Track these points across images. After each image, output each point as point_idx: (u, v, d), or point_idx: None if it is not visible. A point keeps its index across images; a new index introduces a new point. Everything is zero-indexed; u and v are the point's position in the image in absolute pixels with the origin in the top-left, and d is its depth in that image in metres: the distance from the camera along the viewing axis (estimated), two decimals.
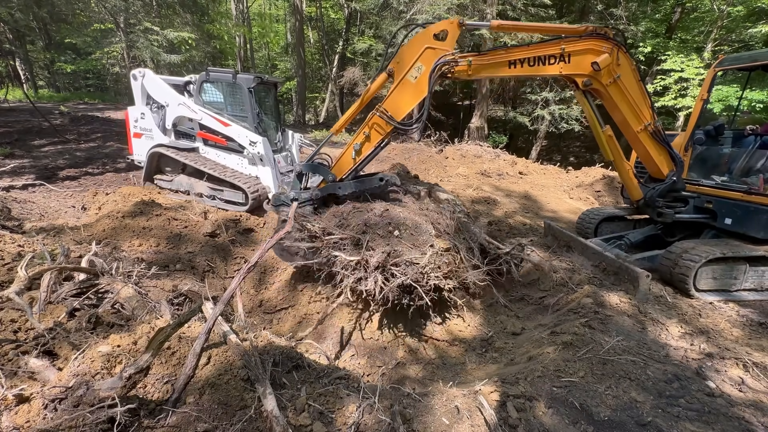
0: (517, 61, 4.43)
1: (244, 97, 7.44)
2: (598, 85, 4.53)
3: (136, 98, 8.06)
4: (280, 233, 3.53)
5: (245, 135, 7.36)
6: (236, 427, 2.05)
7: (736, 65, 5.29)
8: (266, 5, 34.03)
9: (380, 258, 3.57)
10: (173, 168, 7.98)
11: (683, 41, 16.14)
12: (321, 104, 30.04)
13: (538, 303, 4.64)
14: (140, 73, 7.86)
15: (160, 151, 7.60)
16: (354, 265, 3.66)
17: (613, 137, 5.02)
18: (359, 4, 19.54)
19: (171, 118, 7.80)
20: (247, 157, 7.62)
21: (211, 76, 7.58)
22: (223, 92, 7.70)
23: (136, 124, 8.06)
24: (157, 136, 7.95)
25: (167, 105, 7.75)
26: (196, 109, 7.56)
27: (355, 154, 4.75)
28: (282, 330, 4.47)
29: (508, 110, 19.81)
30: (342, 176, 4.87)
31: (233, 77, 7.37)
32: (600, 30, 4.38)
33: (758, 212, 4.73)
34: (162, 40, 14.08)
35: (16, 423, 1.89)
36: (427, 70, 4.40)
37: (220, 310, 2.48)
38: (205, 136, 7.83)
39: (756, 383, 2.99)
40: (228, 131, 7.46)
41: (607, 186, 10.59)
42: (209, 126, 7.59)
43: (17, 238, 4.31)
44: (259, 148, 7.34)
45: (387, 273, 3.56)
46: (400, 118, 4.59)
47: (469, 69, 4.42)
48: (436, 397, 2.59)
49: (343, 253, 3.76)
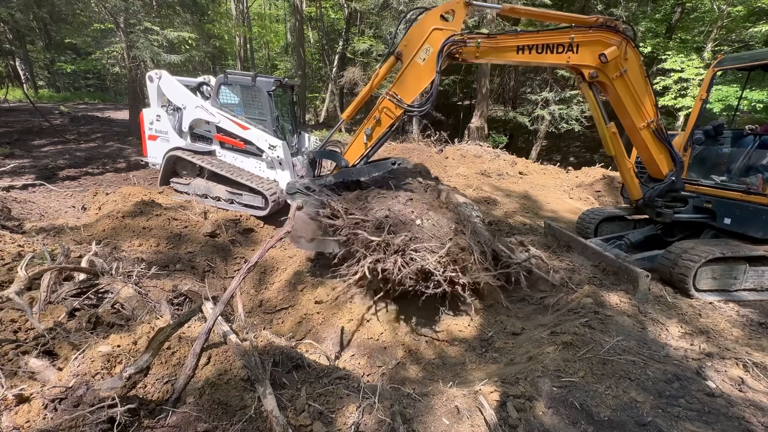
0: (525, 47, 4.39)
1: (263, 100, 7.32)
2: (604, 78, 4.52)
3: (151, 100, 7.92)
4: (280, 233, 3.54)
5: (264, 138, 7.26)
6: (236, 427, 2.05)
7: (735, 65, 5.29)
8: (266, 5, 34.03)
9: (402, 240, 3.68)
10: (190, 171, 7.88)
11: (683, 41, 16.14)
12: (321, 104, 30.02)
13: (538, 303, 4.64)
14: (157, 75, 7.72)
15: (177, 154, 7.52)
16: (374, 246, 3.74)
17: (616, 134, 5.02)
18: (359, 4, 19.52)
19: (188, 120, 7.68)
20: (265, 160, 7.49)
21: (230, 79, 7.46)
22: (240, 95, 7.57)
23: (151, 126, 7.92)
24: (173, 139, 7.82)
25: (184, 107, 7.63)
26: (214, 112, 7.42)
27: (366, 138, 4.73)
28: (282, 330, 4.47)
29: (508, 110, 19.81)
30: (354, 162, 4.87)
31: (252, 80, 7.25)
32: (610, 22, 4.36)
33: (757, 212, 4.73)
34: (162, 40, 14.06)
35: (16, 423, 1.89)
36: (435, 52, 4.34)
37: (220, 310, 2.48)
38: (222, 139, 7.71)
39: (756, 383, 2.99)
40: (247, 134, 7.34)
41: (607, 186, 10.59)
42: (227, 129, 7.47)
43: (17, 238, 4.31)
44: (279, 152, 7.24)
45: (406, 257, 3.65)
46: (410, 101, 4.56)
47: (477, 51, 4.37)
48: (436, 397, 2.59)
49: (365, 232, 3.83)
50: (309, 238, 4.48)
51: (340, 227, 4.10)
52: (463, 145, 14.99)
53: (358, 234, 3.86)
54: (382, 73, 4.70)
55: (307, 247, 4.62)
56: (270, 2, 34.56)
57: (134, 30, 13.21)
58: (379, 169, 4.90)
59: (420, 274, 3.69)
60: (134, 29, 13.23)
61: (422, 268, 3.61)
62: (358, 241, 3.84)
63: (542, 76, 18.18)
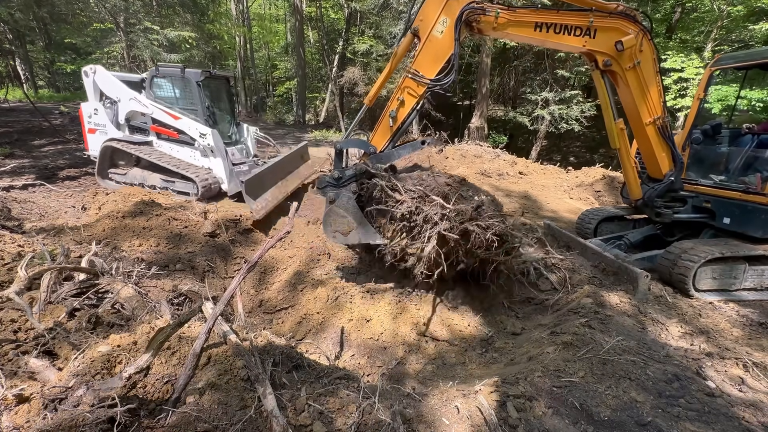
0: (543, 24, 4.34)
1: (193, 90, 7.79)
2: (617, 68, 4.51)
3: (88, 94, 8.32)
4: (280, 234, 3.53)
5: (195, 127, 7.67)
6: (236, 427, 2.05)
7: (732, 64, 5.28)
8: (266, 5, 34.00)
9: (474, 205, 3.82)
10: (127, 162, 8.35)
11: (683, 41, 16.14)
12: (321, 104, 30.02)
13: (539, 303, 4.65)
14: (92, 70, 8.10)
15: (112, 145, 7.93)
16: (439, 218, 3.76)
17: (624, 131, 5.01)
18: (359, 4, 19.51)
19: (123, 113, 8.06)
20: (198, 149, 7.95)
21: (161, 71, 7.94)
22: (174, 87, 8.05)
23: (90, 120, 8.35)
24: (110, 131, 8.20)
25: (119, 100, 7.99)
26: (147, 104, 7.82)
27: (391, 122, 4.64)
28: (282, 330, 4.47)
29: (508, 110, 19.80)
30: (382, 147, 4.77)
31: (182, 71, 7.75)
32: (630, 11, 4.35)
33: (756, 211, 4.72)
34: (162, 40, 14.09)
35: (16, 423, 1.89)
36: (452, 23, 4.27)
37: (220, 310, 2.48)
38: (158, 130, 8.14)
39: (756, 383, 2.99)
40: (178, 124, 7.77)
41: (607, 186, 10.58)
42: (161, 120, 7.91)
43: (17, 238, 4.31)
44: (209, 139, 7.63)
45: (475, 225, 3.75)
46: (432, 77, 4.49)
47: (496, 21, 4.30)
48: (436, 397, 2.59)
49: (438, 198, 3.87)
50: (346, 231, 4.29)
51: (400, 204, 4.00)
52: (463, 145, 14.97)
53: (428, 203, 3.85)
54: (400, 52, 4.63)
55: (344, 241, 4.41)
56: (270, 2, 34.54)
57: (134, 30, 13.22)
58: (408, 150, 4.81)
59: (485, 244, 3.80)
60: (134, 29, 13.25)
61: (496, 233, 3.76)
62: (426, 209, 3.82)
63: (542, 76, 18.18)
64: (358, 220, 4.23)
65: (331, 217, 4.27)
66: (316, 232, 6.27)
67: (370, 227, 4.24)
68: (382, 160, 4.74)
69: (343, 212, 4.24)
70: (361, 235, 4.24)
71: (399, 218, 4.01)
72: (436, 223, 3.75)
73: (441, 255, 3.80)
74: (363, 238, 4.26)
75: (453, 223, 3.74)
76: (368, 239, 4.24)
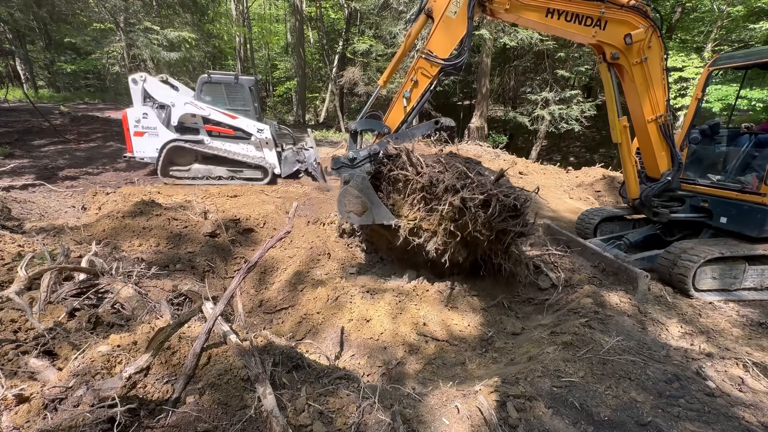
0: (555, 11, 4.36)
1: (245, 94, 9.15)
2: (624, 61, 4.53)
3: (135, 100, 8.91)
4: (280, 234, 3.52)
5: (253, 124, 9.08)
6: (236, 427, 2.05)
7: (731, 64, 5.28)
8: (266, 5, 33.99)
9: (497, 175, 3.96)
10: (187, 159, 9.17)
11: (683, 41, 16.15)
12: (321, 104, 30.02)
13: (539, 303, 4.65)
14: (141, 78, 8.77)
15: (176, 144, 8.74)
16: (461, 186, 3.85)
17: (627, 129, 5.02)
18: (359, 4, 19.51)
19: (177, 115, 8.86)
20: (253, 143, 9.35)
21: (213, 78, 9.04)
22: (225, 90, 9.16)
23: (137, 124, 8.81)
24: (162, 133, 8.84)
25: (173, 105, 8.83)
26: (203, 106, 8.83)
27: (405, 102, 4.67)
28: (282, 330, 4.46)
29: (508, 110, 19.80)
30: (396, 127, 4.79)
31: (235, 79, 9.06)
32: (642, 6, 4.37)
33: (753, 211, 4.73)
34: (162, 40, 14.09)
35: (16, 423, 1.89)
36: (465, 3, 4.29)
37: (220, 310, 2.48)
38: (211, 129, 9.14)
39: (756, 383, 2.99)
40: (236, 123, 8.99)
41: (607, 186, 10.59)
42: (217, 120, 8.95)
43: (17, 238, 4.31)
44: (266, 133, 9.19)
45: (493, 197, 3.81)
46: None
47: (508, 3, 4.33)
48: (436, 397, 2.59)
49: (460, 164, 3.96)
50: (360, 212, 4.33)
51: (421, 176, 4.05)
52: (463, 145, 14.99)
53: (450, 171, 3.92)
54: (414, 32, 4.63)
55: (358, 220, 4.44)
56: (270, 2, 34.53)
57: (134, 29, 13.23)
58: (423, 130, 4.81)
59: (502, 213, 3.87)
60: (134, 29, 13.25)
61: (517, 199, 3.86)
62: (446, 179, 3.89)
63: (542, 76, 18.18)
64: (373, 200, 4.28)
65: (345, 197, 4.30)
66: (316, 232, 6.27)
67: (384, 207, 4.28)
68: (397, 141, 4.74)
69: (357, 192, 4.28)
70: (375, 214, 4.29)
71: (419, 189, 4.06)
72: (458, 190, 3.82)
73: (457, 226, 3.92)
74: (377, 218, 4.30)
75: (474, 193, 3.80)
76: (382, 219, 4.29)
